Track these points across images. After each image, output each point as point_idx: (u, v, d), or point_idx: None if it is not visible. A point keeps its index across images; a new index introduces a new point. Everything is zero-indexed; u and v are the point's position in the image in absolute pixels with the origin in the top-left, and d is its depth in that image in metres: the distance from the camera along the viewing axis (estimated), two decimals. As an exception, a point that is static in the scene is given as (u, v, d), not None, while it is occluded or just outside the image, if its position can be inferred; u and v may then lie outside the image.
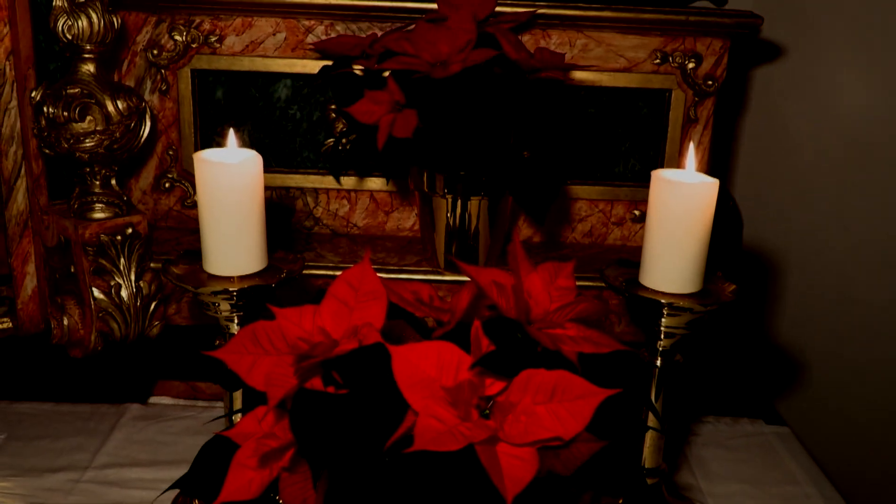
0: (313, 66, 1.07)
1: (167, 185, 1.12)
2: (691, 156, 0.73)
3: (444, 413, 0.54)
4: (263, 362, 0.61)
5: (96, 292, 0.96)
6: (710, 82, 1.10)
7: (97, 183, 0.97)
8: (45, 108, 0.92)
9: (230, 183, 0.70)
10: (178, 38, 1.06)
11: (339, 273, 1.01)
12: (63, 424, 0.96)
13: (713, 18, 1.07)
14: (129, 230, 0.97)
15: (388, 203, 1.15)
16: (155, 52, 1.06)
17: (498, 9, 1.02)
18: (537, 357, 0.59)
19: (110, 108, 0.93)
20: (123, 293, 0.97)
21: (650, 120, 1.14)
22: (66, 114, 0.91)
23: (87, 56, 0.93)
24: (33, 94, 0.94)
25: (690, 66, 1.10)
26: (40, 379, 1.03)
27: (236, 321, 0.76)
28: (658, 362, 0.78)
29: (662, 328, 0.76)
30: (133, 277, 0.97)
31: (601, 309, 0.66)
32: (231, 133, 0.74)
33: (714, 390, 1.09)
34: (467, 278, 1.03)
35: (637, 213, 1.16)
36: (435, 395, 0.55)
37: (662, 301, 0.73)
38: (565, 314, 0.64)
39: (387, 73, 0.95)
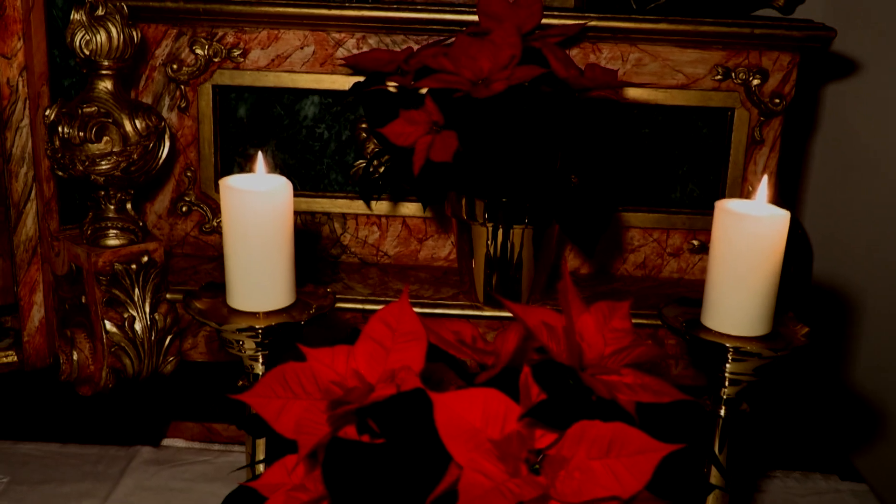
0: (343, 83, 1.09)
1: (184, 208, 1.15)
2: (763, 188, 0.73)
3: (491, 468, 0.55)
4: (293, 407, 0.62)
5: (108, 325, 0.98)
6: (777, 100, 1.11)
7: (112, 207, 1.00)
8: (59, 128, 0.95)
9: (258, 212, 0.72)
10: (199, 51, 1.09)
11: (368, 307, 1.05)
12: (69, 468, 0.98)
13: (781, 31, 1.08)
14: (145, 258, 0.99)
15: (422, 230, 1.16)
16: (175, 66, 1.09)
17: (544, 21, 1.04)
18: (591, 407, 0.60)
19: (128, 127, 0.96)
20: (137, 326, 0.99)
21: (710, 141, 1.14)
22: (81, 134, 0.94)
23: (104, 72, 0.96)
24: (47, 113, 0.97)
25: (755, 82, 1.10)
26: (46, 418, 1.05)
27: (261, 360, 0.77)
28: (722, 412, 0.78)
29: (727, 374, 0.76)
30: (147, 309, 1.00)
31: (660, 354, 0.66)
32: (260, 157, 0.76)
33: (783, 442, 1.08)
34: (508, 314, 1.05)
35: (696, 242, 1.16)
36: (481, 447, 0.55)
37: (727, 345, 0.73)
38: (621, 359, 0.65)
39: (424, 91, 0.97)
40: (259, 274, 0.74)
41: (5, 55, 0.96)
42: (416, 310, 0.65)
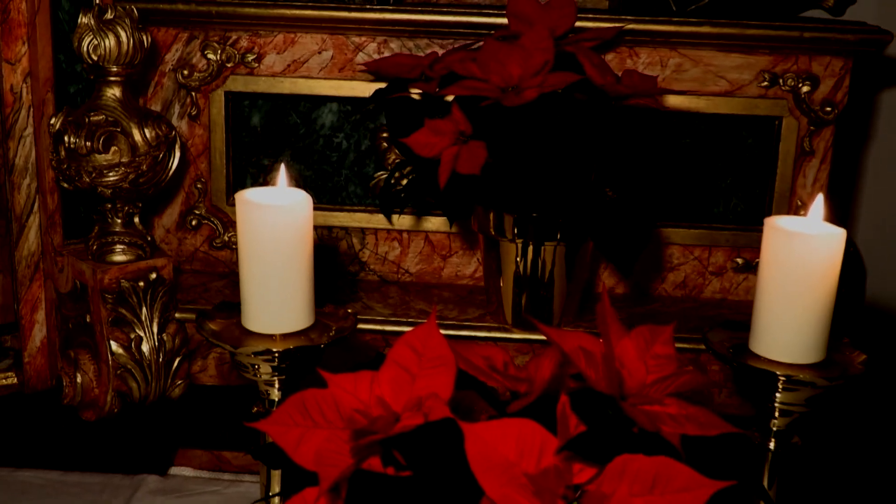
0: (363, 89, 1.10)
1: (194, 222, 1.16)
2: (819, 205, 0.73)
3: (526, 504, 0.55)
4: (313, 437, 0.62)
5: (114, 346, 0.99)
6: (828, 108, 1.10)
7: (119, 221, 1.01)
8: (65, 138, 0.96)
9: (276, 228, 0.72)
10: (211, 56, 1.10)
11: (389, 328, 1.05)
12: (71, 497, 0.98)
13: (833, 34, 1.08)
14: (153, 275, 1.00)
15: (446, 246, 1.17)
16: (185, 72, 1.11)
17: (578, 23, 1.04)
18: (633, 439, 0.60)
19: (137, 137, 0.97)
20: (144, 347, 1.00)
21: (756, 152, 1.14)
22: (88, 144, 0.95)
23: (112, 79, 0.97)
24: (52, 122, 0.98)
25: (805, 89, 1.10)
26: (47, 443, 1.06)
27: (277, 386, 0.77)
28: (772, 445, 0.77)
29: (777, 405, 0.75)
30: (155, 329, 1.01)
31: (705, 383, 0.66)
32: (282, 170, 0.77)
33: (838, 478, 1.07)
34: (538, 337, 1.05)
35: (740, 261, 1.16)
36: (515, 481, 0.55)
37: (778, 373, 0.73)
38: (664, 388, 0.64)
39: (450, 99, 0.98)
40: (276, 294, 0.74)
41: (9, 60, 0.98)
42: (441, 332, 0.65)
